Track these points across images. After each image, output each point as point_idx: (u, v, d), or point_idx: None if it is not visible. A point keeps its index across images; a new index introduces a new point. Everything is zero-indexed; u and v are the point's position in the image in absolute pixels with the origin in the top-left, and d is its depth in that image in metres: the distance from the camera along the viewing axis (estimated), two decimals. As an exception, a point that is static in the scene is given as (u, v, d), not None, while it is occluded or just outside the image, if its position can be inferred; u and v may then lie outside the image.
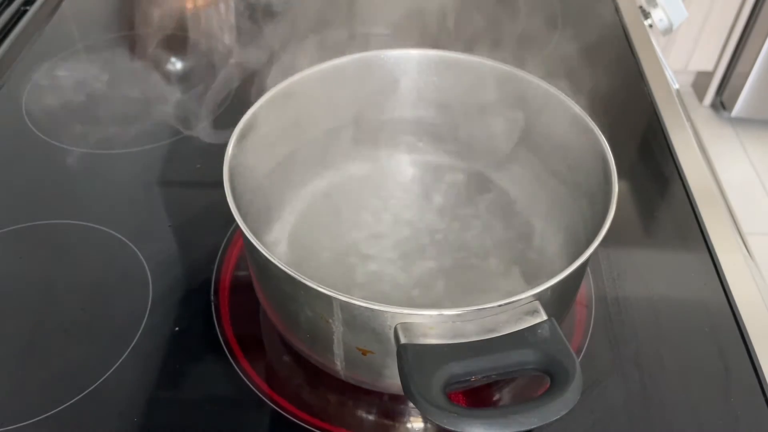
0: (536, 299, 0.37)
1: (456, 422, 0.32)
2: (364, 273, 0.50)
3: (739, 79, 1.75)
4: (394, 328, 0.37)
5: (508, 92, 0.52)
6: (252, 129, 0.47)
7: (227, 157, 0.44)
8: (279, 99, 0.49)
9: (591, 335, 0.50)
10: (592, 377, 0.47)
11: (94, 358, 0.48)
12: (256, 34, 0.81)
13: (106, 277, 0.54)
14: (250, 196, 0.48)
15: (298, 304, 0.41)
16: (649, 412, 0.46)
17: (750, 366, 0.49)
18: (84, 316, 0.51)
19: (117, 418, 0.45)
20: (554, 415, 0.33)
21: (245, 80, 0.72)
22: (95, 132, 0.68)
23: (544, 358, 0.35)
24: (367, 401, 0.47)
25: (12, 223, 0.58)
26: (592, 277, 0.54)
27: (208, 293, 0.53)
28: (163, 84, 0.76)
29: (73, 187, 0.62)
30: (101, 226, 0.57)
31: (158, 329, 0.50)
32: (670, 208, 0.61)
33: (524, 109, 0.52)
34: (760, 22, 1.66)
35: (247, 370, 0.48)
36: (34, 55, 0.77)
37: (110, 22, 0.84)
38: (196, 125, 0.63)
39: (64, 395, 0.46)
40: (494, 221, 0.54)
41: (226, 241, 0.56)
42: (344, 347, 0.41)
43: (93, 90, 0.75)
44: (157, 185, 0.62)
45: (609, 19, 0.84)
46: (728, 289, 0.53)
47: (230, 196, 0.41)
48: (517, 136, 0.54)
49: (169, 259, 0.55)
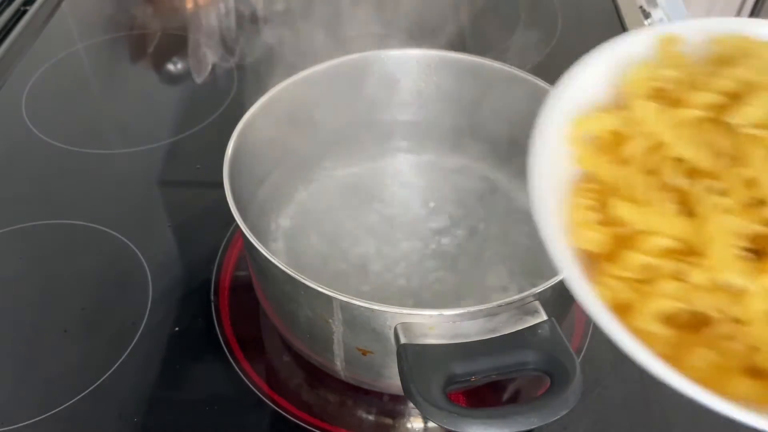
0: (536, 299, 0.37)
1: (456, 422, 0.32)
2: (365, 272, 0.50)
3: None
4: (394, 328, 0.37)
5: (509, 92, 0.52)
6: (252, 129, 0.47)
7: (227, 157, 0.44)
8: (279, 99, 0.49)
9: (591, 335, 0.50)
10: (592, 377, 0.47)
11: (94, 358, 0.48)
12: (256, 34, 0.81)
13: (106, 277, 0.54)
14: (249, 196, 0.48)
15: (297, 304, 0.41)
16: (649, 413, 0.46)
17: (750, 366, 0.49)
18: (84, 316, 0.51)
19: (117, 419, 0.45)
20: (554, 416, 0.33)
21: (245, 80, 0.72)
22: (95, 132, 0.68)
23: (545, 358, 0.35)
24: (367, 401, 0.47)
25: (12, 223, 0.58)
26: (592, 277, 0.54)
27: (208, 293, 0.53)
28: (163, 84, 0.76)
29: (73, 187, 0.62)
30: (101, 226, 0.57)
31: (158, 329, 0.50)
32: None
33: (524, 109, 0.52)
34: (760, 22, 1.66)
35: (247, 370, 0.48)
36: (34, 55, 0.77)
37: (110, 22, 0.84)
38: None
39: (64, 395, 0.46)
40: (495, 221, 0.53)
41: (226, 241, 0.56)
42: (344, 347, 0.41)
43: (93, 90, 0.75)
44: (157, 185, 0.62)
45: (609, 19, 0.84)
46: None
47: (230, 196, 0.41)
48: (517, 135, 0.54)
49: (169, 259, 0.55)
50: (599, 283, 0.25)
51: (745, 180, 0.24)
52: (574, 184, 0.27)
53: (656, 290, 0.24)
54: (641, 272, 0.24)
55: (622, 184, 0.26)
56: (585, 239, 0.26)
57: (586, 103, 0.28)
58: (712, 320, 0.23)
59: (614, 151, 0.27)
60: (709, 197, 0.24)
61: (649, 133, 0.26)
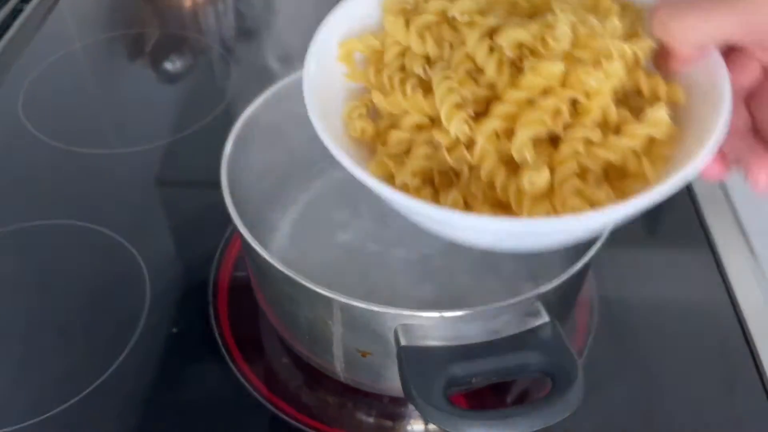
0: (538, 300, 0.37)
1: (457, 425, 0.32)
2: (365, 273, 0.50)
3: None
4: (395, 330, 0.37)
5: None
6: (251, 129, 0.47)
7: (225, 157, 0.44)
8: (278, 99, 0.49)
9: (593, 337, 0.50)
10: (594, 379, 0.47)
11: (91, 359, 0.48)
12: (254, 33, 0.80)
13: (104, 278, 0.54)
14: (248, 196, 0.48)
15: (297, 306, 0.40)
16: (651, 415, 0.46)
17: (753, 367, 0.49)
18: (82, 317, 0.51)
19: (115, 420, 0.45)
20: (556, 418, 0.33)
21: (244, 80, 0.72)
22: (93, 131, 0.68)
23: (546, 360, 0.35)
24: (366, 403, 0.47)
25: (10, 223, 0.58)
26: (594, 278, 0.54)
27: (207, 294, 0.52)
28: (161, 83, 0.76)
29: (71, 188, 0.62)
30: (99, 227, 0.57)
31: (156, 330, 0.50)
32: (672, 208, 0.60)
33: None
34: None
35: (245, 371, 0.48)
36: (31, 54, 0.77)
37: (108, 21, 0.84)
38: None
39: (63, 396, 0.46)
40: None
41: (225, 242, 0.56)
42: (344, 349, 0.41)
43: (91, 89, 0.75)
44: (155, 185, 0.62)
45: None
46: (732, 289, 0.53)
47: (228, 197, 0.41)
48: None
49: (167, 260, 0.55)
50: (375, 162, 0.32)
51: (464, 55, 0.31)
52: (349, 93, 0.34)
53: (413, 155, 0.31)
54: (404, 146, 0.32)
55: (379, 83, 0.33)
56: (356, 129, 0.33)
57: (358, 27, 0.35)
58: (460, 172, 0.30)
59: (377, 63, 0.34)
60: (437, 76, 0.31)
61: (398, 42, 0.33)
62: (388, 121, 0.33)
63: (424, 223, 0.32)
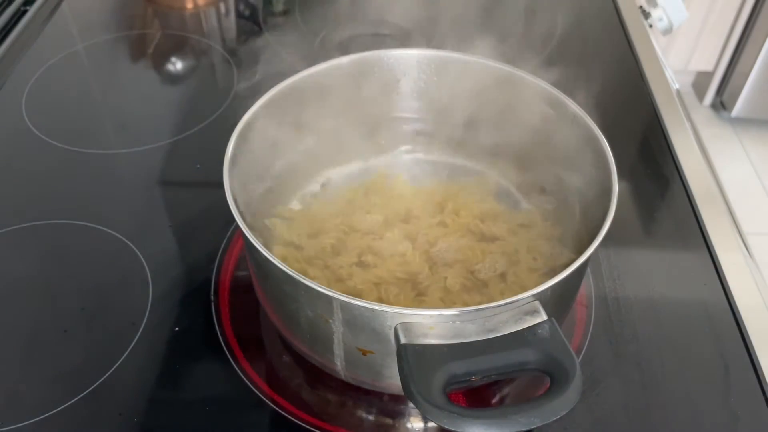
0: (536, 299, 0.37)
1: (456, 422, 0.32)
2: (365, 273, 0.50)
3: (739, 79, 1.75)
4: (394, 328, 0.37)
5: (508, 92, 0.52)
6: (252, 129, 0.47)
7: (227, 157, 0.44)
8: (279, 99, 0.49)
9: (591, 335, 0.50)
10: (592, 377, 0.47)
11: (94, 358, 0.48)
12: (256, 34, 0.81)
13: (106, 277, 0.54)
14: (249, 195, 0.48)
15: (298, 305, 0.41)
16: (649, 412, 0.46)
17: (750, 366, 0.49)
18: (84, 316, 0.51)
19: (117, 418, 0.45)
20: (554, 415, 0.33)
21: (245, 80, 0.72)
22: (95, 132, 0.68)
23: (544, 358, 0.35)
24: (367, 401, 0.47)
25: (12, 223, 0.58)
26: (592, 277, 0.54)
27: (208, 293, 0.53)
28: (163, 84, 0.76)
29: (73, 188, 0.62)
30: (101, 226, 0.57)
31: (158, 329, 0.50)
32: (670, 208, 0.61)
33: (524, 109, 0.52)
34: (760, 22, 1.66)
35: (246, 370, 0.48)
36: (34, 55, 0.77)
37: (110, 23, 0.84)
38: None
39: (65, 395, 0.46)
40: (495, 220, 0.54)
41: (226, 241, 0.56)
42: (344, 347, 0.41)
43: (93, 90, 0.75)
44: (157, 185, 0.62)
45: (609, 19, 0.84)
46: (728, 288, 0.53)
47: (230, 196, 0.41)
48: (516, 135, 0.54)
49: (169, 259, 0.55)
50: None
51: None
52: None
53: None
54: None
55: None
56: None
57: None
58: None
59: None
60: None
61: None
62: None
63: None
